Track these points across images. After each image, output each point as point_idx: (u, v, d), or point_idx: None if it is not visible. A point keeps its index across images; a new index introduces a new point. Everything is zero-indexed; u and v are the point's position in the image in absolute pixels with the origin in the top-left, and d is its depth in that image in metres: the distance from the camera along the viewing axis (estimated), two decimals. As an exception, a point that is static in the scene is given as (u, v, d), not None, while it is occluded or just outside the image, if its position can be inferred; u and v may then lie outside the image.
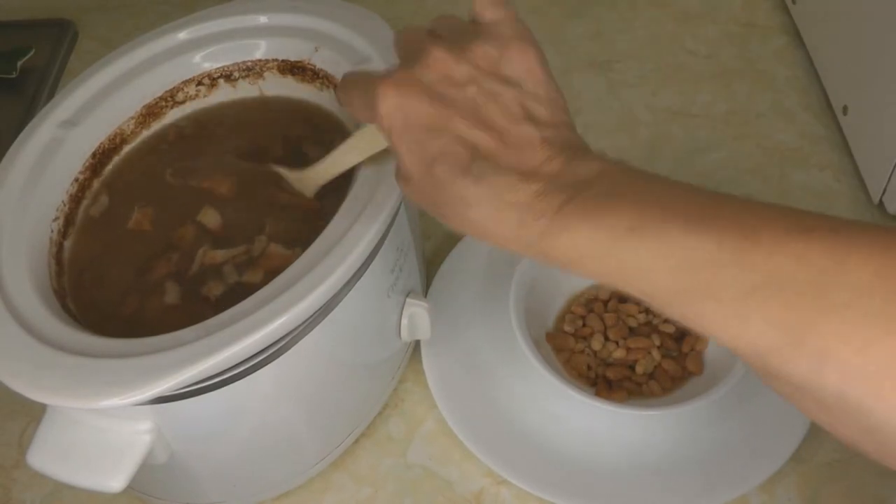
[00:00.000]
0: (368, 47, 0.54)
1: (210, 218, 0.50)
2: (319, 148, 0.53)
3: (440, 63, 0.38)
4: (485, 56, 0.39)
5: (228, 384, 0.43)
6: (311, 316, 0.44)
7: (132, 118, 0.55)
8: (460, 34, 0.40)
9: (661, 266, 0.32)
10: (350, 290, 0.46)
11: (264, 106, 0.58)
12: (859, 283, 0.29)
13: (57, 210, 0.50)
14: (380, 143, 0.46)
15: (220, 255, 0.49)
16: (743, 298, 0.30)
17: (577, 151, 0.37)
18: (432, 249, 0.65)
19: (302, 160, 0.52)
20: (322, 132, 0.55)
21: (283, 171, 0.52)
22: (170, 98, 0.56)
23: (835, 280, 0.29)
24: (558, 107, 0.39)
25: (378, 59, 0.53)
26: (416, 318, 0.54)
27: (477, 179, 0.37)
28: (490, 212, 0.36)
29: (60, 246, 0.50)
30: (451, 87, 0.38)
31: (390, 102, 0.38)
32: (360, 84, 0.41)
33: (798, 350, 0.29)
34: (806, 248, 0.30)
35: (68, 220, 0.51)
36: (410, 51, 0.40)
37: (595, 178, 0.36)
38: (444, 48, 0.38)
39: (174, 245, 0.50)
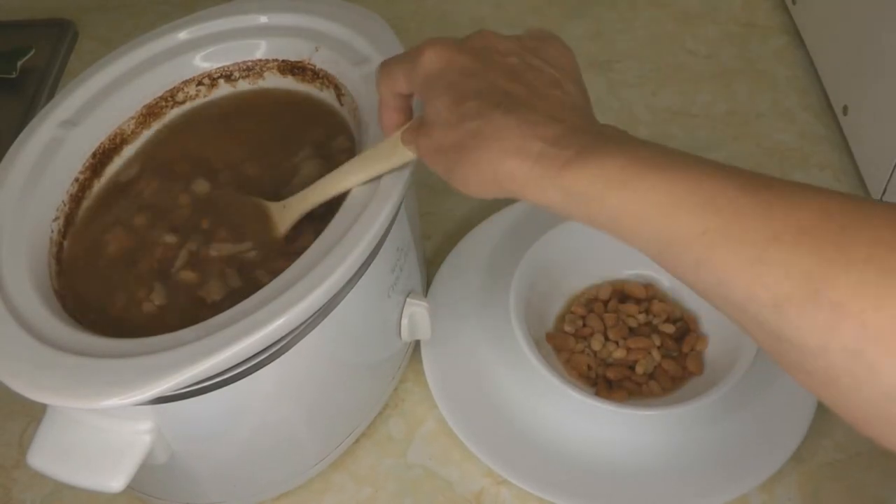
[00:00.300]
0: (368, 47, 0.54)
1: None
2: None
3: (487, 37, 0.42)
4: (528, 42, 0.42)
5: (228, 384, 0.43)
6: (312, 316, 0.44)
7: (132, 118, 0.55)
8: None
9: (686, 202, 0.32)
10: (350, 290, 0.46)
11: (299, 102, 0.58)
12: (880, 240, 0.29)
13: (57, 210, 0.50)
14: (374, 170, 0.46)
15: (226, 248, 0.49)
16: (764, 244, 0.31)
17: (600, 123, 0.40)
18: (432, 249, 0.65)
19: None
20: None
21: (267, 204, 0.51)
22: (170, 98, 0.56)
23: (855, 236, 0.29)
24: (587, 97, 0.42)
25: (378, 58, 0.53)
26: (416, 318, 0.54)
27: (507, 111, 0.38)
28: (514, 142, 0.37)
29: (60, 246, 0.50)
30: (495, 53, 0.41)
31: (436, 50, 0.41)
32: (404, 55, 0.43)
33: (815, 301, 0.29)
34: (827, 204, 0.31)
35: (68, 220, 0.51)
36: None
37: (620, 134, 0.37)
38: (494, 31, 0.42)
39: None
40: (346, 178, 0.47)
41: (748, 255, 0.31)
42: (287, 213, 0.50)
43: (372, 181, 0.47)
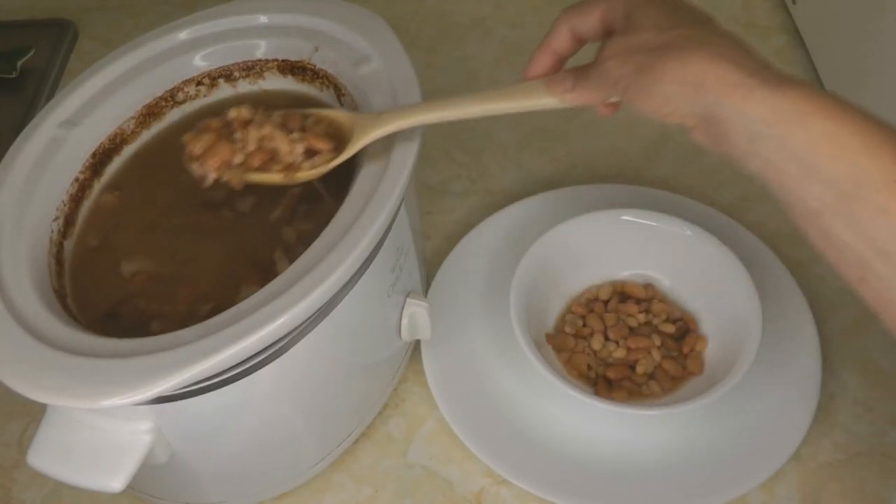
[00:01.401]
0: (368, 47, 0.54)
1: None
2: None
3: None
4: None
5: (228, 384, 0.43)
6: (312, 316, 0.44)
7: (132, 118, 0.55)
8: None
9: (884, 146, 0.34)
10: (350, 290, 0.46)
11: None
12: None
13: (57, 210, 0.50)
14: (498, 107, 0.45)
15: None
16: None
17: None
18: (432, 249, 0.65)
19: None
20: None
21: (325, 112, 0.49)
22: (170, 98, 0.56)
23: None
24: None
25: (378, 58, 0.53)
26: (416, 317, 0.54)
27: (723, 35, 0.40)
28: (732, 52, 0.38)
29: (60, 246, 0.50)
30: None
31: None
32: None
33: None
34: None
35: (68, 220, 0.51)
36: None
37: None
38: None
39: None
40: (464, 107, 0.46)
41: None
42: (379, 122, 0.47)
43: (377, 172, 0.47)
